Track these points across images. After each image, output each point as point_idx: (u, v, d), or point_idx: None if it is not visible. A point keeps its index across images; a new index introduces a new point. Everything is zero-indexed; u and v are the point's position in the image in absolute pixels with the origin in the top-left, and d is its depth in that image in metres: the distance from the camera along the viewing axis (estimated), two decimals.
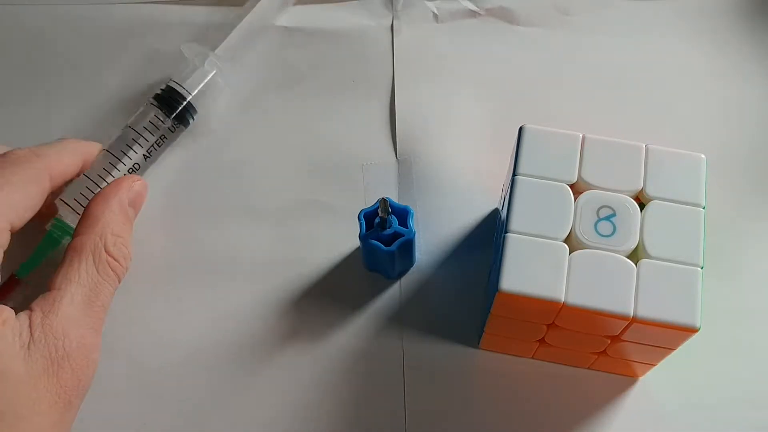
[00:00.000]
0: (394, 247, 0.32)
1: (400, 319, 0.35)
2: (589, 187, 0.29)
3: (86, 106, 0.39)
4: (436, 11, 0.42)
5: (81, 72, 0.40)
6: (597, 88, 0.40)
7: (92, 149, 0.34)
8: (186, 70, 0.38)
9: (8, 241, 0.29)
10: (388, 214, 0.31)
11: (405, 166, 0.38)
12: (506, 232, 0.28)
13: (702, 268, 0.27)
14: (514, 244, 0.27)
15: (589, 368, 0.33)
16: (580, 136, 0.29)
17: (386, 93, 0.40)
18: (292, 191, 0.37)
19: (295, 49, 0.41)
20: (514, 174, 0.29)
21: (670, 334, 0.27)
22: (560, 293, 0.27)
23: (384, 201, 0.31)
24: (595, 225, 0.28)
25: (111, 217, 0.31)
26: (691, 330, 0.26)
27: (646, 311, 0.26)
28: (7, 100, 0.40)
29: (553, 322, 0.29)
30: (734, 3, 0.42)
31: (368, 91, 0.40)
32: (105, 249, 0.30)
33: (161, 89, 0.37)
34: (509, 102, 0.40)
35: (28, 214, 0.30)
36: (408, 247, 0.33)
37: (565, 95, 0.40)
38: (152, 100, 0.37)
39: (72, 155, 0.33)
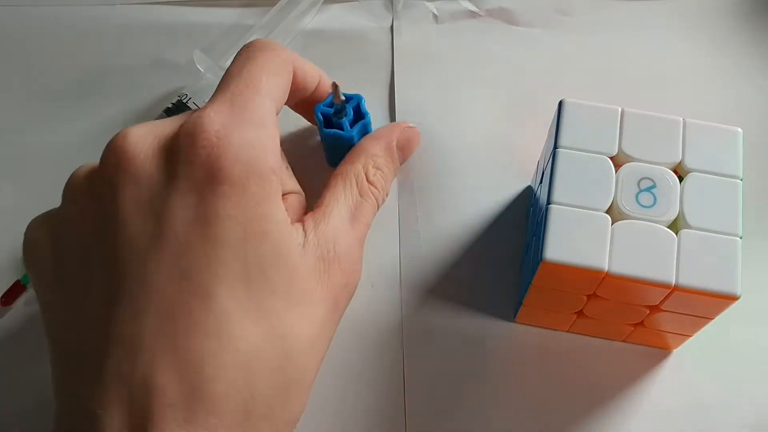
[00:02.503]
0: (354, 131, 0.34)
1: (401, 329, 0.35)
2: (630, 159, 0.29)
3: (90, 112, 0.39)
4: (436, 12, 0.42)
5: (84, 76, 0.40)
6: (597, 88, 0.40)
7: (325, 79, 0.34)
8: (196, 84, 0.37)
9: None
10: (342, 100, 0.34)
11: (405, 166, 0.38)
12: (549, 203, 0.28)
13: (741, 238, 0.28)
14: (557, 214, 0.28)
15: (623, 341, 0.34)
16: (619, 109, 0.30)
17: (386, 93, 0.40)
18: None
19: (294, 50, 0.41)
20: (555, 147, 0.29)
21: (710, 303, 0.28)
22: (603, 263, 0.27)
23: (335, 86, 0.33)
24: (637, 196, 0.28)
25: (377, 152, 0.33)
26: (731, 298, 0.27)
27: (688, 279, 0.27)
28: (8, 104, 0.40)
29: (594, 292, 0.29)
30: (734, 3, 0.42)
31: (368, 91, 0.39)
32: (366, 177, 0.32)
33: (172, 103, 0.37)
34: (509, 102, 0.40)
35: (282, 103, 0.31)
36: (366, 132, 0.35)
37: (565, 95, 0.40)
38: (165, 116, 0.37)
39: (313, 67, 0.33)
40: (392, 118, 0.39)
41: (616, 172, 0.29)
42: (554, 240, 0.27)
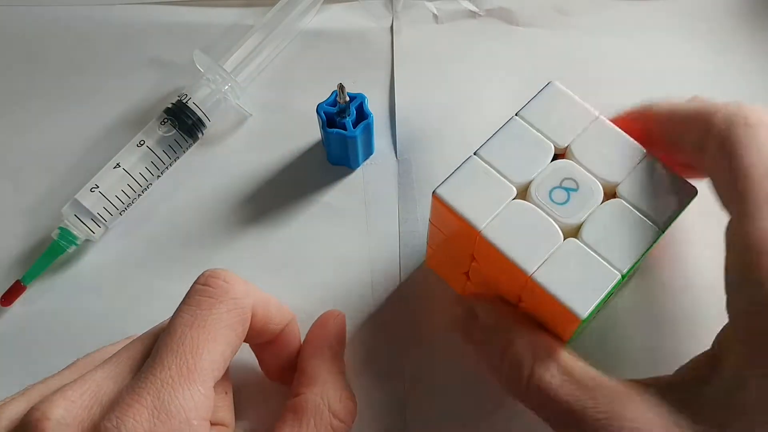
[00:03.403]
0: (358, 130, 0.34)
1: (401, 329, 0.35)
2: (572, 159, 0.29)
3: (89, 112, 0.39)
4: (436, 12, 0.42)
5: (84, 76, 0.40)
6: (596, 88, 0.39)
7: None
8: (196, 84, 0.37)
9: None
10: (347, 100, 0.34)
11: (405, 166, 0.38)
12: (474, 153, 0.29)
13: (623, 276, 0.26)
14: (472, 166, 0.28)
15: None
16: (596, 114, 0.29)
17: (386, 93, 0.40)
18: (292, 191, 0.37)
19: (294, 50, 0.41)
20: (517, 114, 0.29)
21: (557, 314, 0.26)
22: (481, 222, 0.27)
23: (341, 87, 0.33)
24: (552, 189, 0.28)
25: (327, 369, 0.29)
26: (575, 318, 0.26)
27: (544, 278, 0.26)
28: (8, 104, 0.40)
29: (473, 254, 0.29)
30: (734, 3, 0.42)
31: (368, 91, 0.39)
32: (329, 408, 0.28)
33: (172, 103, 0.37)
34: (509, 102, 0.39)
35: (228, 362, 0.26)
36: (369, 132, 0.36)
37: None
38: (166, 116, 0.37)
39: (282, 313, 0.29)
40: (392, 117, 0.39)
41: (552, 161, 0.28)
42: (456, 183, 0.28)
